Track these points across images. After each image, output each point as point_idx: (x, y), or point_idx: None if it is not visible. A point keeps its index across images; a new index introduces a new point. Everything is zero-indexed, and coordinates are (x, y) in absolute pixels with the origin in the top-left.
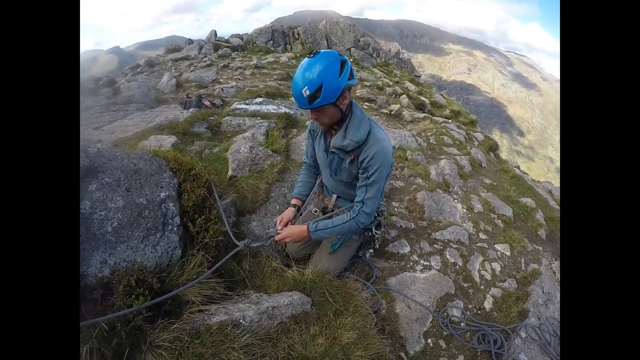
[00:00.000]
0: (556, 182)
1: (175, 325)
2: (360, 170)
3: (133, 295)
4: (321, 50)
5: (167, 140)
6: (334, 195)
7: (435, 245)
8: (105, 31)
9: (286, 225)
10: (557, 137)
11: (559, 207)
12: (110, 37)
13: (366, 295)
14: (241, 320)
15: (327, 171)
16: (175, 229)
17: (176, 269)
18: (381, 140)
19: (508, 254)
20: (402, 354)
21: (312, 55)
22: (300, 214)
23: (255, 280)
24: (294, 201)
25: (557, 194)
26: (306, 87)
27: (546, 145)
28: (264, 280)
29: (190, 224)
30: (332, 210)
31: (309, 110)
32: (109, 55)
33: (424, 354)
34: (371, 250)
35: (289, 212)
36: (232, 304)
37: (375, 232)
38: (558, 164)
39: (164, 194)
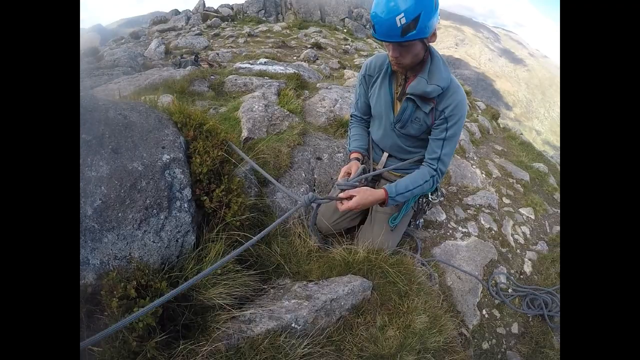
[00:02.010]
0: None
1: (205, 348)
2: (437, 122)
3: (135, 311)
4: None
5: (164, 100)
6: (385, 154)
7: (468, 211)
8: (86, 9)
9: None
10: (542, 110)
11: None
12: (92, 15)
13: (421, 270)
14: (293, 324)
15: (388, 122)
16: (185, 205)
17: (191, 262)
18: (461, 88)
19: (533, 217)
20: (464, 330)
21: None
22: (367, 170)
23: (290, 265)
24: (354, 155)
25: (558, 160)
26: (402, 15)
27: (531, 118)
28: (301, 265)
29: (205, 197)
30: (381, 173)
31: (390, 45)
32: (90, 33)
33: (482, 326)
34: (422, 220)
35: (354, 164)
36: (272, 301)
37: (432, 198)
38: (544, 136)
39: (168, 157)
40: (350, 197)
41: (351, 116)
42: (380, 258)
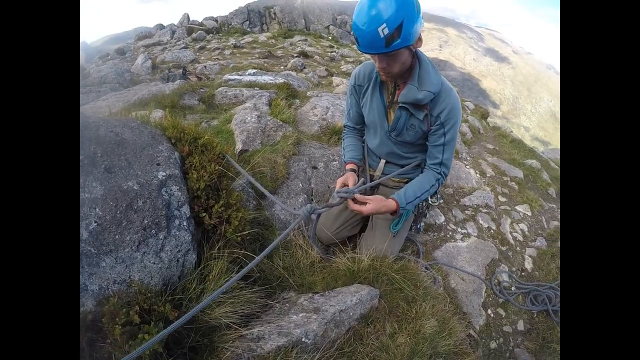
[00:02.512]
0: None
1: None
2: (433, 127)
3: (139, 338)
4: None
5: (154, 115)
6: (382, 161)
7: (466, 212)
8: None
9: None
10: (529, 107)
11: (558, 167)
12: None
13: (425, 275)
14: (304, 339)
15: (383, 131)
16: (184, 223)
17: (194, 282)
18: (453, 90)
19: (529, 214)
20: (472, 332)
21: None
22: (366, 182)
23: (294, 278)
24: (350, 166)
25: (549, 155)
26: (384, 25)
27: (519, 115)
28: (304, 277)
29: (205, 214)
30: (377, 179)
31: (376, 56)
32: None
33: (488, 326)
34: (422, 224)
35: (351, 176)
36: (279, 316)
37: (432, 202)
38: (533, 131)
39: (164, 174)
40: (364, 203)
41: (344, 126)
42: (385, 265)
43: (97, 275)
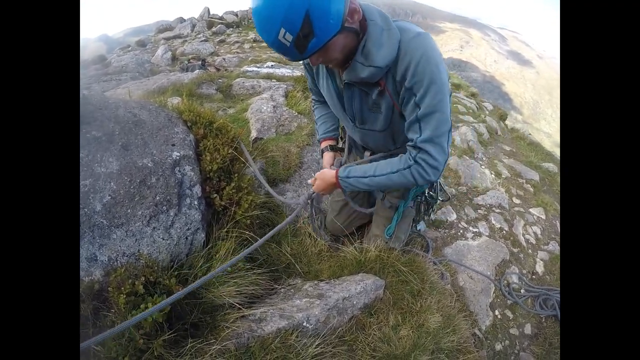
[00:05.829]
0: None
1: (214, 347)
2: (404, 97)
3: (142, 308)
4: None
5: (173, 101)
6: (367, 153)
7: (479, 211)
8: (91, 20)
9: None
10: (549, 111)
11: None
12: (97, 26)
13: (433, 269)
14: (305, 323)
15: (346, 119)
16: (195, 202)
17: (201, 260)
18: (422, 36)
19: (544, 217)
20: (477, 331)
21: None
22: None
23: (301, 265)
24: (325, 143)
25: None
26: (284, 31)
27: (539, 119)
28: (311, 264)
29: (215, 195)
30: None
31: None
32: (97, 43)
33: (495, 327)
34: (422, 223)
35: (328, 157)
36: (283, 300)
37: (429, 195)
38: (554, 137)
39: (178, 154)
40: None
41: (312, 102)
42: (393, 256)
43: (107, 246)
